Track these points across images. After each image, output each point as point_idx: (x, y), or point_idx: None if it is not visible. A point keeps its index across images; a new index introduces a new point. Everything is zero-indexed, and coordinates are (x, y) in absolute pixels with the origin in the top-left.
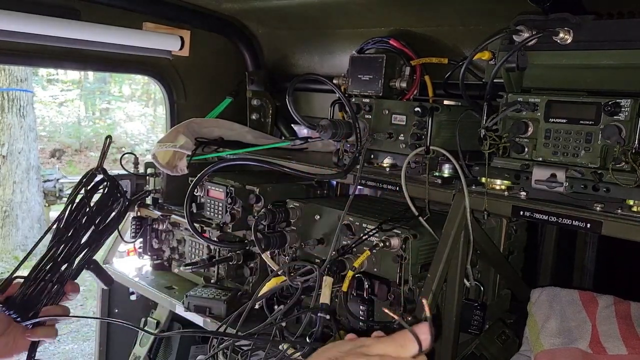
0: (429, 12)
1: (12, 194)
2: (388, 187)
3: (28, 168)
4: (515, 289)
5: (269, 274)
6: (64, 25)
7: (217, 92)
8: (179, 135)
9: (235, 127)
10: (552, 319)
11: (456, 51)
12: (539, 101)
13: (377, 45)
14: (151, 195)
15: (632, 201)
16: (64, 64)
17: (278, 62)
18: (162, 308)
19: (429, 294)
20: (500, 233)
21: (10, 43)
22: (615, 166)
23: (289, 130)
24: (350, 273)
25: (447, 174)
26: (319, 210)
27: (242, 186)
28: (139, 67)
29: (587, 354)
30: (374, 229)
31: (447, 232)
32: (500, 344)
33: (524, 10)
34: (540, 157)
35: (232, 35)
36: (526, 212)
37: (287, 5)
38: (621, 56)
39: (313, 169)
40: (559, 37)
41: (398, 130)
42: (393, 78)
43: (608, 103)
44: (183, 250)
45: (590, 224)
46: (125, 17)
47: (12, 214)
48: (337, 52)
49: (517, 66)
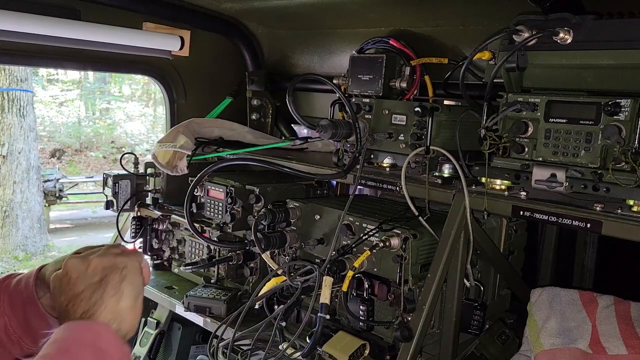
0: (429, 12)
1: (12, 194)
2: (388, 187)
3: (28, 168)
4: (515, 289)
5: (268, 273)
6: (64, 25)
7: (217, 92)
8: (179, 135)
9: (235, 127)
10: (552, 319)
11: (456, 51)
12: (539, 101)
13: (377, 45)
14: (151, 195)
15: (632, 201)
16: (64, 64)
17: (278, 62)
18: (162, 308)
19: (429, 294)
20: (500, 233)
21: (10, 43)
22: (615, 166)
23: (289, 130)
24: (350, 273)
25: (447, 174)
26: (319, 210)
27: (242, 186)
28: (139, 67)
29: (587, 354)
30: (374, 229)
31: (447, 232)
32: (500, 344)
33: (524, 10)
34: (540, 157)
35: (232, 35)
36: (526, 212)
37: (287, 5)
38: (621, 56)
39: (313, 169)
40: (559, 37)
41: (398, 130)
42: (393, 78)
43: (608, 103)
44: (183, 250)
45: (590, 224)
46: (125, 17)
47: (12, 214)
48: (337, 52)
49: (517, 66)
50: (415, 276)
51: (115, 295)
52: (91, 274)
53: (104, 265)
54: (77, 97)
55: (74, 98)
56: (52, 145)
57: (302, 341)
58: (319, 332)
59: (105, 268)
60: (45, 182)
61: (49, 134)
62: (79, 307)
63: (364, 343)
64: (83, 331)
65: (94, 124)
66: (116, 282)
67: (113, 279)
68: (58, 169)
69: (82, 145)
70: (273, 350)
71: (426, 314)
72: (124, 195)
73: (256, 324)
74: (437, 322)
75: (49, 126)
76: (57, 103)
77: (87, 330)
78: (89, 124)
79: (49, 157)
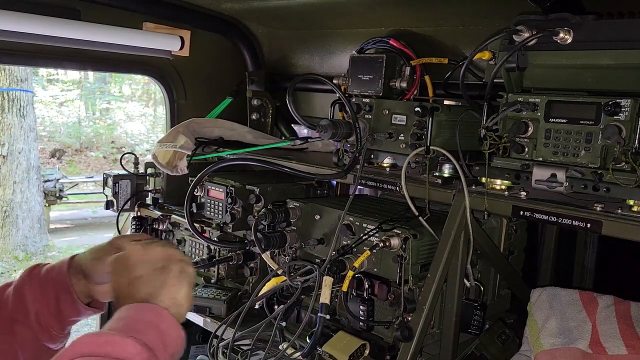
0: (429, 12)
1: (12, 194)
2: (388, 187)
3: (28, 168)
4: (515, 289)
5: (268, 273)
6: (64, 25)
7: (217, 92)
8: (179, 135)
9: (235, 127)
10: (552, 319)
11: (456, 51)
12: (539, 101)
13: (377, 45)
14: (151, 195)
15: (632, 201)
16: (64, 64)
17: (278, 62)
18: None
19: (429, 294)
20: (500, 233)
21: (10, 43)
22: (615, 166)
23: (289, 130)
24: (350, 273)
25: (447, 174)
26: (319, 210)
27: (242, 186)
28: (139, 67)
29: (587, 353)
30: (374, 229)
31: (447, 232)
32: (500, 344)
33: (524, 10)
34: (541, 157)
35: (232, 35)
36: (526, 212)
37: (287, 5)
38: (621, 56)
39: (313, 169)
40: (559, 37)
41: (398, 130)
42: (393, 78)
43: (608, 103)
44: (183, 250)
45: (590, 224)
46: (125, 17)
47: (12, 214)
48: (337, 52)
49: (517, 66)
50: (415, 276)
51: (176, 285)
52: (154, 260)
53: (166, 254)
54: (77, 97)
55: (74, 98)
56: (52, 145)
57: (302, 341)
58: (319, 332)
59: (167, 257)
60: (45, 182)
61: (49, 134)
62: (141, 289)
63: (364, 343)
64: (148, 312)
65: (94, 124)
66: (176, 272)
67: (174, 269)
68: (58, 169)
69: (82, 145)
70: (273, 350)
71: (426, 314)
72: (124, 195)
73: (256, 324)
74: (437, 322)
75: (49, 126)
76: (57, 103)
77: (151, 311)
78: (89, 124)
79: (49, 157)
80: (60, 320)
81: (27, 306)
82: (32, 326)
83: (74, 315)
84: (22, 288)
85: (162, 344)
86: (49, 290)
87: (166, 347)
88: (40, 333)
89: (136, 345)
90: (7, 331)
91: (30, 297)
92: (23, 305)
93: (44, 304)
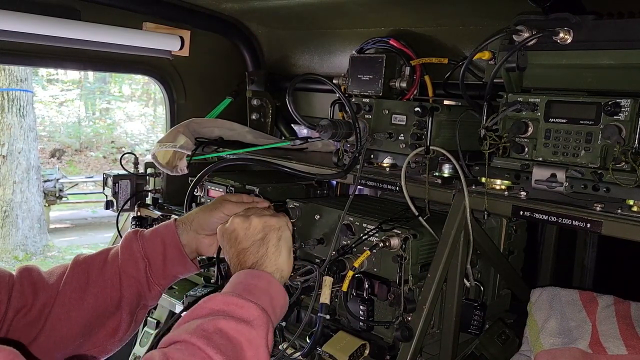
0: (429, 12)
1: (12, 194)
2: (388, 187)
3: (28, 168)
4: (515, 289)
5: None
6: (64, 25)
7: (217, 92)
8: (179, 135)
9: (235, 127)
10: (552, 318)
11: (456, 51)
12: (539, 101)
13: (377, 45)
14: (151, 195)
15: (632, 201)
16: (64, 64)
17: (278, 62)
18: (162, 308)
19: (429, 294)
20: (500, 233)
21: (10, 43)
22: (615, 166)
23: (289, 130)
24: (350, 273)
25: (447, 174)
26: (319, 210)
27: (242, 186)
28: (139, 67)
29: (587, 353)
30: (374, 229)
31: (447, 232)
32: (500, 344)
33: (524, 10)
34: (540, 157)
35: (232, 35)
36: (526, 212)
37: (287, 5)
38: (621, 56)
39: (313, 169)
40: (559, 37)
41: (398, 130)
42: (393, 78)
43: (608, 103)
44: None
45: (590, 224)
46: (125, 17)
47: (12, 214)
48: (337, 52)
49: (517, 66)
50: (415, 276)
51: (275, 252)
52: (254, 232)
53: (264, 224)
54: (77, 97)
55: (74, 98)
56: (52, 145)
57: (302, 341)
58: (319, 332)
59: (265, 227)
60: (45, 182)
61: (49, 134)
62: (249, 259)
63: (364, 343)
64: (259, 278)
65: (94, 124)
66: (275, 240)
67: (273, 238)
68: (58, 169)
69: (82, 145)
70: (273, 350)
71: (426, 314)
72: (124, 195)
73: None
74: (437, 322)
75: (49, 126)
76: (57, 103)
77: (261, 278)
78: (89, 124)
79: (49, 157)
80: (166, 277)
81: (137, 262)
82: (141, 282)
83: (181, 271)
84: (130, 246)
85: (272, 308)
86: (156, 248)
87: (275, 311)
88: (144, 289)
89: (257, 309)
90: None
91: (139, 254)
92: (133, 260)
93: (153, 261)
